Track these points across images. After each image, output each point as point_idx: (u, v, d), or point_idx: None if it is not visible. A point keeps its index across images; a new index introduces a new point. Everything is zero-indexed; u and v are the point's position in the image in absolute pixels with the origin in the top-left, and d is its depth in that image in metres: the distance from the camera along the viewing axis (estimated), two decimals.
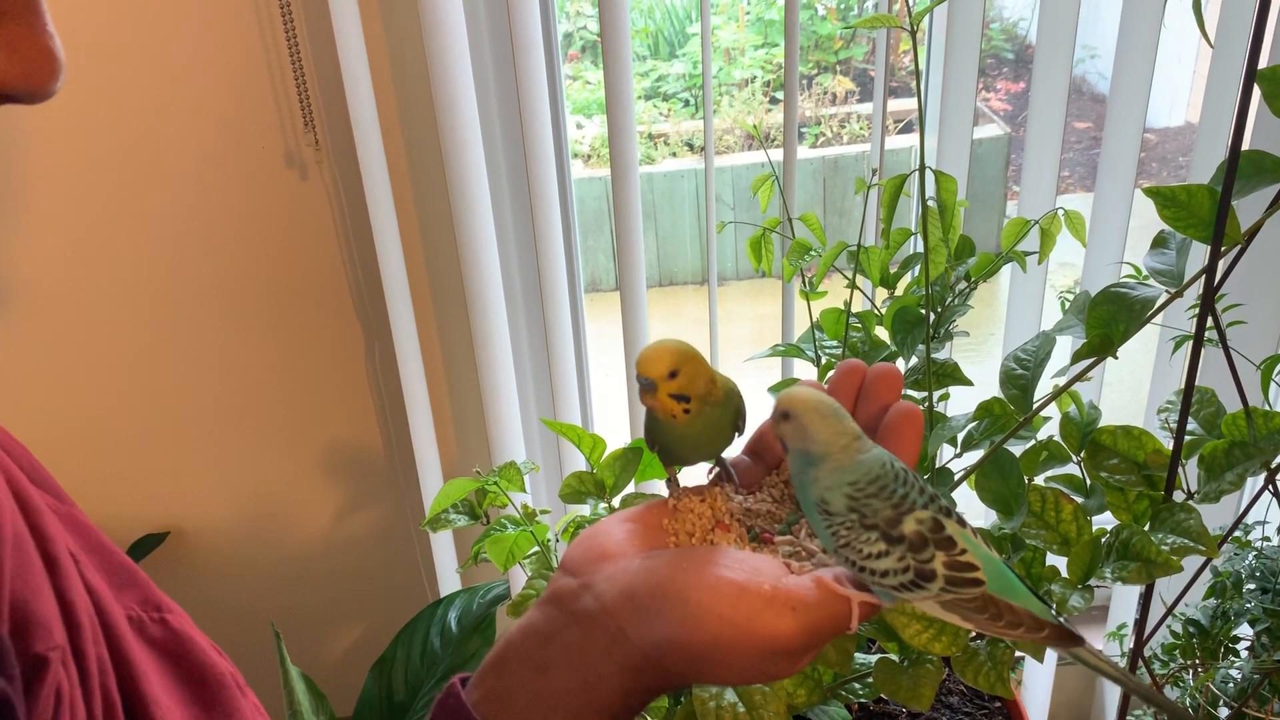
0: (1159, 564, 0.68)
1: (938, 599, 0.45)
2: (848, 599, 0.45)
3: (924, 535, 0.45)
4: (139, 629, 0.43)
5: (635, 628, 0.45)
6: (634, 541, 0.50)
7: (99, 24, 1.15)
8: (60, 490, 0.44)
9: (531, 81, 1.13)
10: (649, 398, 0.51)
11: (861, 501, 0.45)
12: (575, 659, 0.46)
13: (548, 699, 0.46)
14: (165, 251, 1.27)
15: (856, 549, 0.45)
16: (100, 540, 0.44)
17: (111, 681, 0.39)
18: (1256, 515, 1.05)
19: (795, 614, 0.44)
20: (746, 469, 0.54)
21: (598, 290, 3.60)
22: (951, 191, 0.83)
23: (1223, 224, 0.66)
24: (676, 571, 0.45)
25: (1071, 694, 1.51)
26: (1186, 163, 1.18)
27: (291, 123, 1.20)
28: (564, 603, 0.47)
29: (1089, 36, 3.65)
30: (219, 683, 0.45)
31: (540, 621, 0.48)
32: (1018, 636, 0.45)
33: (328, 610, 1.53)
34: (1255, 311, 1.19)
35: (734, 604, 0.44)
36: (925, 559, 0.44)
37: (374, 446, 1.40)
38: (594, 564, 0.48)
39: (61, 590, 0.37)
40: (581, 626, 0.46)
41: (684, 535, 0.50)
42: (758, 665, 0.44)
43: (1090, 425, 0.78)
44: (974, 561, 0.45)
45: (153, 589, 0.45)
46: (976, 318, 0.99)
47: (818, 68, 3.86)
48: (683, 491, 0.53)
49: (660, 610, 0.44)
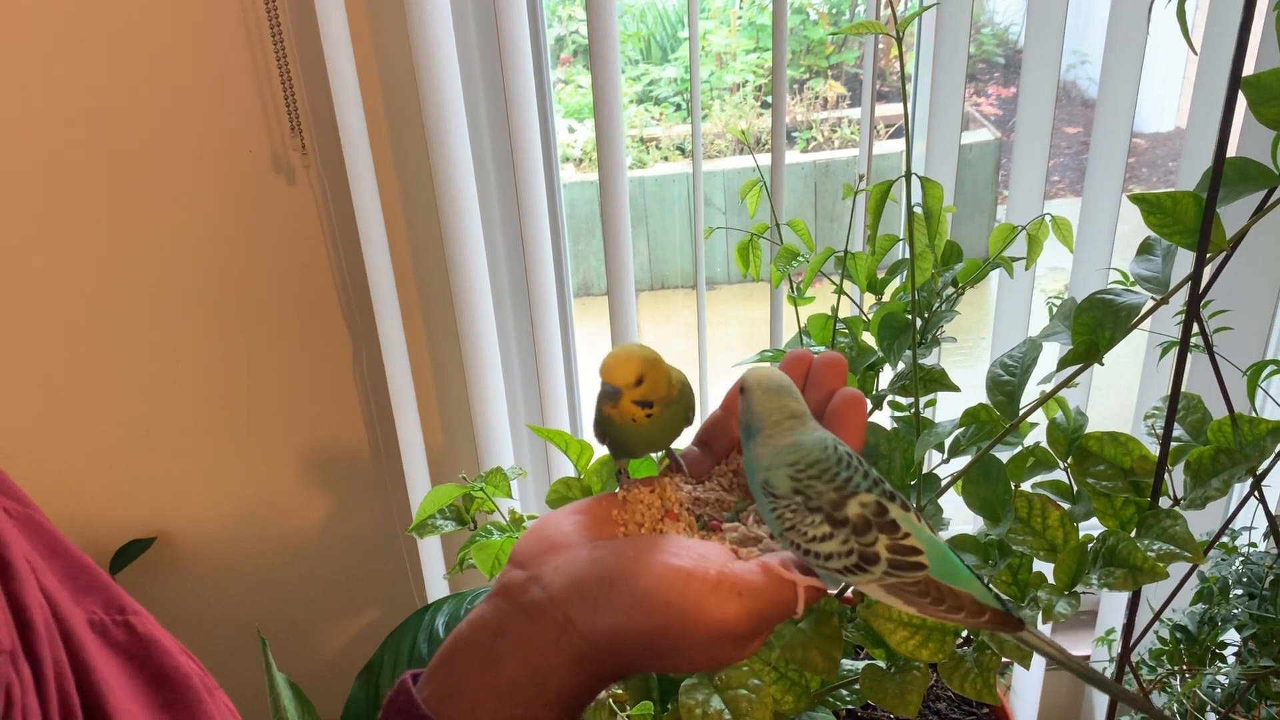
0: (1145, 571, 0.68)
1: (881, 582, 0.45)
2: (794, 583, 0.46)
3: (868, 519, 0.45)
4: (101, 632, 0.43)
5: (583, 617, 0.45)
6: (583, 532, 0.50)
7: (85, 28, 1.14)
8: (20, 493, 0.44)
9: (520, 85, 1.13)
10: (610, 405, 0.51)
11: (805, 484, 0.46)
12: (524, 650, 0.46)
13: (497, 691, 0.46)
14: (151, 256, 1.27)
15: (801, 531, 0.45)
16: (61, 544, 0.44)
17: (70, 686, 0.39)
18: (1243, 521, 1.05)
19: (741, 599, 0.44)
20: (696, 459, 0.55)
21: (590, 294, 3.60)
22: (937, 198, 0.83)
23: (1208, 231, 0.66)
24: (623, 560, 0.46)
25: (1060, 698, 1.51)
26: (1176, 168, 1.19)
27: (278, 127, 1.19)
28: (512, 595, 0.48)
29: (1079, 42, 3.66)
30: (184, 684, 0.45)
31: (489, 614, 0.48)
32: (959, 621, 0.46)
33: (315, 616, 1.53)
34: (1241, 318, 1.19)
35: (680, 590, 0.44)
36: (869, 542, 0.45)
37: (361, 452, 1.40)
38: (542, 556, 0.49)
39: (14, 594, 0.37)
40: (530, 618, 0.46)
41: (633, 525, 0.51)
42: (706, 651, 0.45)
43: (1077, 431, 0.79)
44: (917, 545, 0.45)
45: (117, 591, 0.45)
46: (966, 321, 0.99)
47: (809, 72, 3.86)
48: (632, 483, 0.53)
49: (607, 598, 0.45)
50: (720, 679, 0.75)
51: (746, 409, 0.48)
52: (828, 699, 0.84)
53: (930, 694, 1.22)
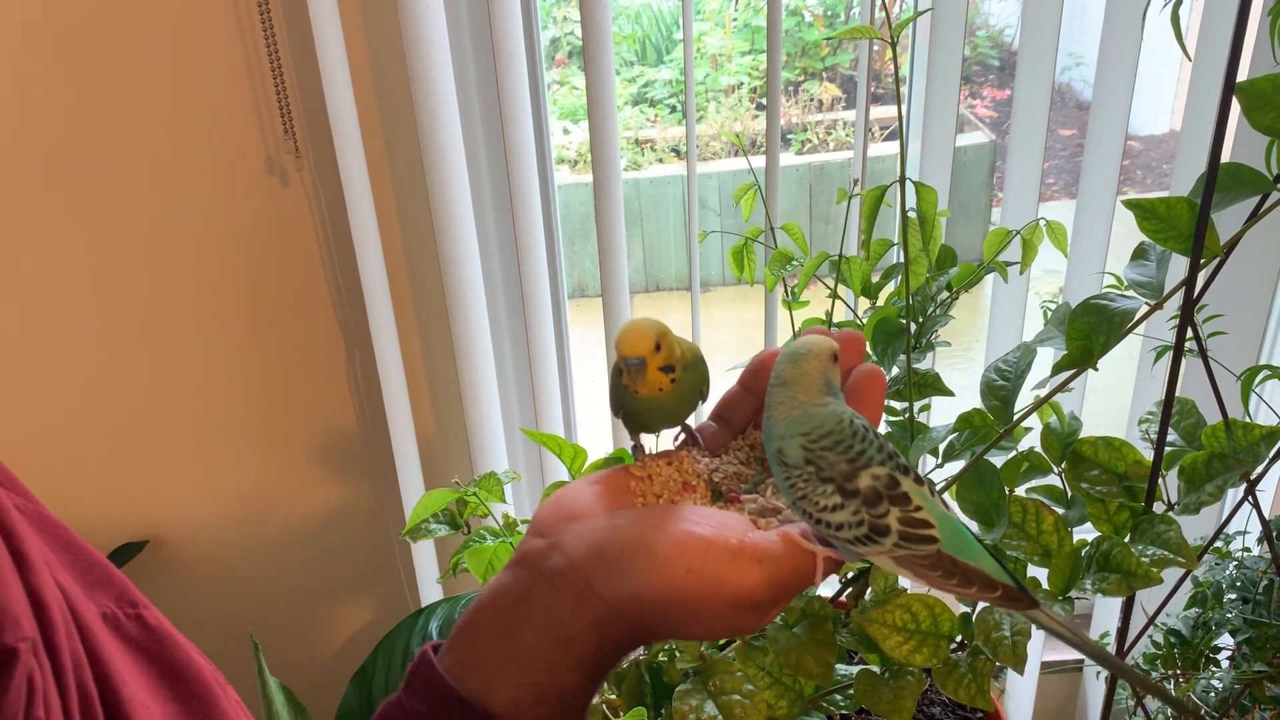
0: (1139, 576, 0.68)
1: (891, 554, 0.46)
2: (813, 553, 0.46)
3: (879, 490, 0.45)
4: (114, 626, 0.43)
5: (604, 583, 0.45)
6: (602, 502, 0.50)
7: (78, 31, 1.14)
8: (26, 490, 0.44)
9: (514, 87, 1.13)
10: (638, 377, 0.51)
11: (816, 454, 0.46)
12: (545, 618, 0.46)
13: (519, 659, 0.46)
14: (144, 258, 1.26)
15: (813, 501, 0.46)
16: (71, 538, 0.44)
17: (88, 676, 0.39)
18: (1237, 525, 1.06)
19: (762, 567, 0.45)
20: (713, 434, 0.55)
21: (584, 296, 3.60)
22: (932, 203, 0.83)
23: (1202, 236, 0.66)
24: (644, 528, 0.46)
25: (1055, 701, 1.51)
26: (1170, 170, 1.19)
27: (272, 129, 1.19)
28: (533, 563, 0.48)
29: (1074, 44, 3.66)
30: (198, 679, 0.45)
31: (510, 583, 0.48)
32: (970, 595, 0.46)
33: (307, 620, 1.52)
34: (1235, 323, 1.20)
35: (701, 558, 0.44)
36: (880, 514, 0.45)
37: (355, 455, 1.40)
38: (562, 524, 0.49)
39: (31, 585, 0.37)
40: (551, 585, 0.46)
41: (651, 496, 0.51)
42: (725, 618, 0.45)
43: (1071, 436, 0.78)
44: (929, 519, 0.45)
45: (128, 586, 0.45)
46: (960, 324, 0.99)
47: (804, 74, 3.87)
48: (650, 456, 0.53)
49: (628, 565, 0.45)
50: (714, 684, 0.75)
51: (772, 376, 0.48)
52: (822, 704, 0.84)
53: (924, 699, 1.22)
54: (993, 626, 0.72)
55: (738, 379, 0.55)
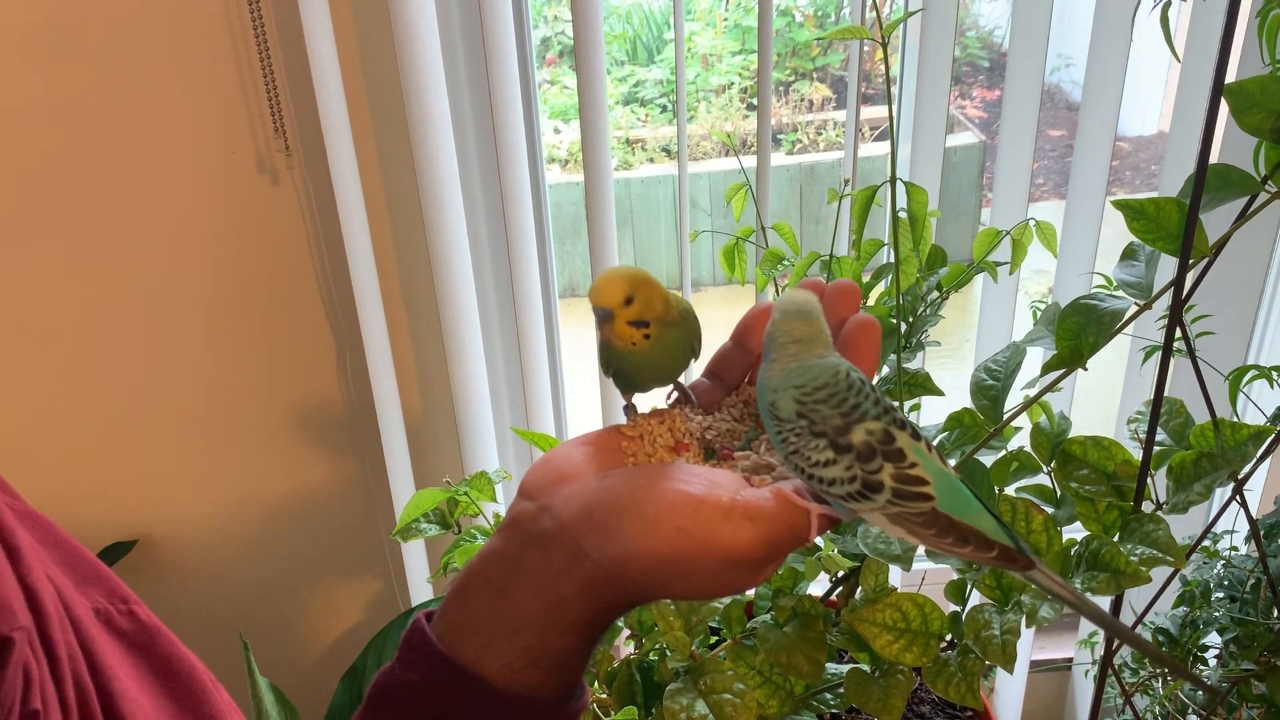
0: (1128, 575, 0.68)
1: (885, 511, 0.44)
2: (806, 510, 0.45)
3: (872, 446, 0.44)
4: (106, 621, 0.43)
5: (595, 544, 0.45)
6: (592, 463, 0.50)
7: (68, 28, 1.13)
8: (11, 489, 0.44)
9: (505, 86, 1.13)
10: (607, 328, 0.50)
11: (810, 407, 0.45)
12: (537, 580, 0.46)
13: (512, 622, 0.46)
14: (133, 257, 1.26)
15: (805, 456, 0.45)
16: (60, 535, 0.44)
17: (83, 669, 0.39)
18: (1225, 525, 1.06)
19: (754, 525, 0.44)
20: (706, 391, 0.54)
21: (575, 295, 3.60)
22: (922, 203, 0.83)
23: (1190, 237, 0.66)
24: (634, 488, 0.45)
25: (1044, 699, 1.51)
26: (1159, 171, 1.19)
27: (262, 128, 1.19)
28: (523, 526, 0.47)
29: (1064, 45, 3.67)
30: (189, 674, 0.45)
31: (500, 547, 0.48)
32: (965, 555, 0.44)
33: (297, 620, 1.52)
34: (1223, 323, 1.20)
35: (692, 516, 0.44)
36: (873, 470, 0.44)
37: (345, 455, 1.39)
38: (552, 486, 0.48)
39: (24, 577, 0.37)
40: (541, 548, 0.46)
41: (643, 456, 0.50)
42: (718, 577, 0.45)
43: (1061, 436, 0.79)
44: (924, 476, 0.44)
45: (118, 582, 0.45)
46: (950, 323, 0.99)
47: (795, 74, 3.87)
48: (641, 415, 0.53)
49: (619, 525, 0.44)
50: (705, 683, 0.75)
51: (767, 331, 0.47)
52: (812, 703, 0.84)
53: (914, 698, 1.22)
54: (982, 625, 0.72)
55: (730, 334, 0.55)
